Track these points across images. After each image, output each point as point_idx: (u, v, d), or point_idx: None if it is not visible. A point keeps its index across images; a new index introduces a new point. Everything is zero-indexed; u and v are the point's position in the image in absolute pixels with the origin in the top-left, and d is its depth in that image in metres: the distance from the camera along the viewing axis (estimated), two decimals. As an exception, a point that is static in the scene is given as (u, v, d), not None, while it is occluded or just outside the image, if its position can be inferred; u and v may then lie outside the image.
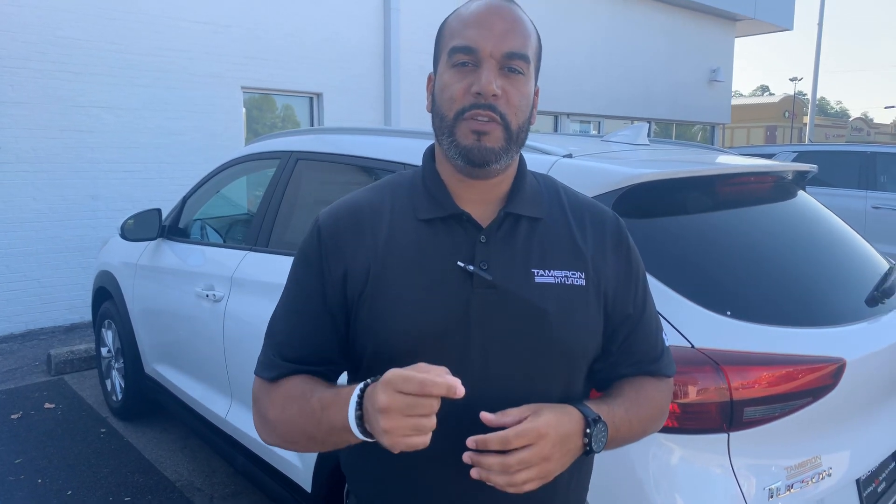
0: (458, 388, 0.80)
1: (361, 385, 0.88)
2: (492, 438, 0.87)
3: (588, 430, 0.93)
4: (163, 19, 5.93)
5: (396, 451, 0.83)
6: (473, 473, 0.88)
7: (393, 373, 0.82)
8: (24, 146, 5.34)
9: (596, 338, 1.03)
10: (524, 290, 0.97)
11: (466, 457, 0.88)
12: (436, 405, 0.81)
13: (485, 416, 0.89)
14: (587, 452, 0.94)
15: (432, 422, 0.81)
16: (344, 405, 0.89)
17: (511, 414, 0.90)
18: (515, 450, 0.87)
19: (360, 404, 0.87)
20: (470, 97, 0.93)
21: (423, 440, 0.82)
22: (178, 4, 6.01)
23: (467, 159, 0.94)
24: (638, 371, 1.08)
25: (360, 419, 0.87)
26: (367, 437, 0.88)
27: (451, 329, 0.96)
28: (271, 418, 1.01)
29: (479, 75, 0.92)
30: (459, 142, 0.94)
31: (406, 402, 0.80)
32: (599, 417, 0.95)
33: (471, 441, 0.88)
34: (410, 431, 0.81)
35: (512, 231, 1.00)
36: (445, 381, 0.80)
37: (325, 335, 1.02)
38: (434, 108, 0.99)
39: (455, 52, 0.95)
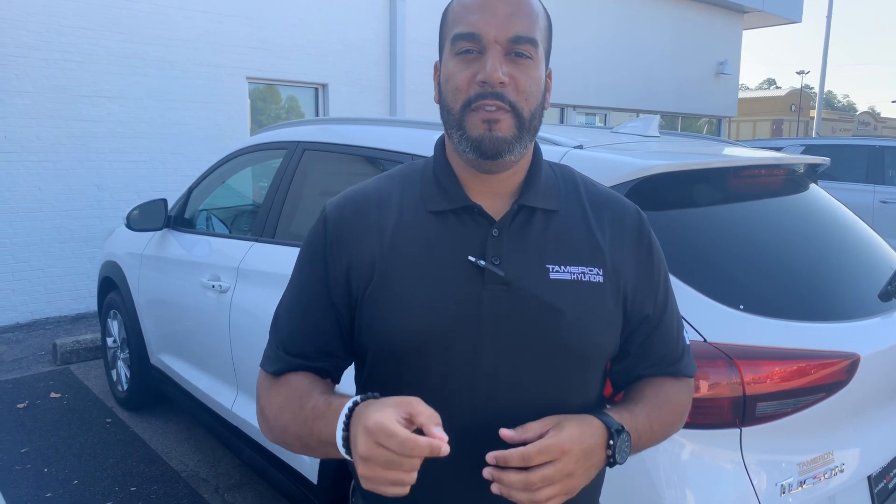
0: (443, 449, 0.75)
1: (350, 404, 0.85)
2: (512, 455, 0.83)
3: (611, 442, 0.89)
4: (167, 9, 5.91)
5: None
6: (494, 489, 0.85)
7: (376, 422, 0.77)
8: (29, 135, 5.34)
9: (613, 338, 0.99)
10: (538, 287, 0.93)
11: (486, 472, 0.85)
12: (417, 463, 0.77)
13: (504, 432, 0.86)
14: (611, 464, 0.91)
15: (412, 477, 0.77)
16: (333, 419, 0.86)
17: (531, 429, 0.86)
18: (537, 466, 0.83)
19: (346, 425, 0.84)
20: (476, 86, 0.88)
21: (401, 491, 0.78)
22: (183, -6, 5.99)
23: (479, 151, 0.90)
24: (657, 372, 1.04)
25: (346, 440, 0.84)
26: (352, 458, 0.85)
27: (461, 327, 0.92)
28: (269, 417, 0.99)
29: (484, 62, 0.88)
30: (469, 133, 0.90)
31: (386, 457, 0.76)
32: (623, 427, 0.91)
33: (490, 457, 0.84)
34: (388, 485, 0.77)
35: (526, 224, 0.96)
36: (430, 442, 0.75)
37: (328, 329, 0.99)
38: (441, 99, 0.95)
39: (458, 39, 0.90)
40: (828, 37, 17.55)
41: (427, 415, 0.79)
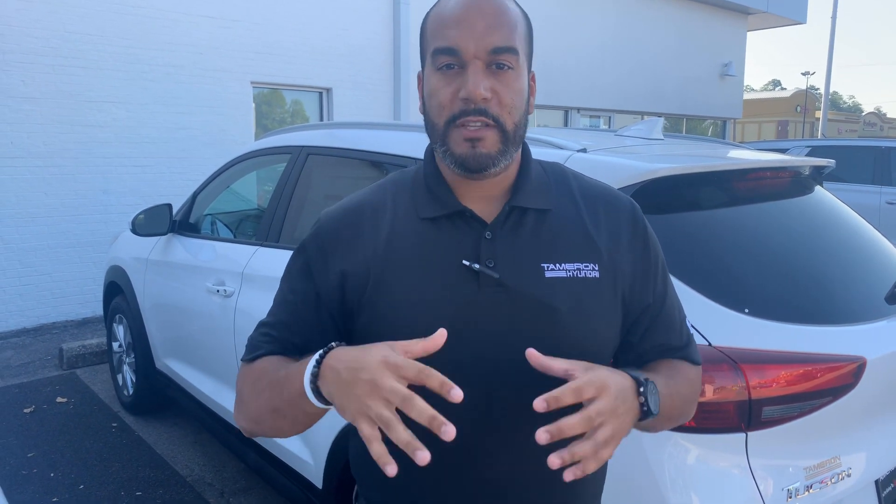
0: (455, 392, 0.74)
1: (325, 348, 0.85)
2: (565, 391, 0.78)
3: (641, 389, 0.87)
4: (172, 14, 5.94)
5: (356, 423, 0.78)
6: (554, 461, 0.78)
7: (396, 357, 0.77)
8: (36, 141, 5.37)
9: (613, 332, 0.99)
10: (534, 287, 0.93)
11: (542, 434, 0.77)
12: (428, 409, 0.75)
13: (531, 354, 0.82)
14: (644, 414, 0.87)
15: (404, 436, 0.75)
16: (304, 370, 0.85)
17: (559, 361, 0.83)
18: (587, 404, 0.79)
19: (318, 362, 0.83)
20: (459, 103, 0.89)
21: (377, 437, 0.76)
22: (188, -1, 6.02)
23: (463, 167, 0.91)
24: (664, 357, 1.04)
25: (315, 378, 0.83)
26: (320, 400, 0.84)
27: (460, 330, 0.92)
28: (245, 397, 0.98)
29: (466, 78, 0.88)
30: (453, 150, 0.91)
31: (400, 391, 0.75)
32: (648, 378, 0.89)
33: (540, 402, 0.78)
34: (382, 423, 0.76)
35: (518, 225, 0.96)
36: (442, 379, 0.75)
37: (311, 335, 0.99)
38: (425, 112, 0.95)
39: (438, 53, 0.90)
40: (833, 37, 17.49)
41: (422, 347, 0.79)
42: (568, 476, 0.78)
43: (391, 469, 0.75)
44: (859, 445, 1.67)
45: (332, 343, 0.86)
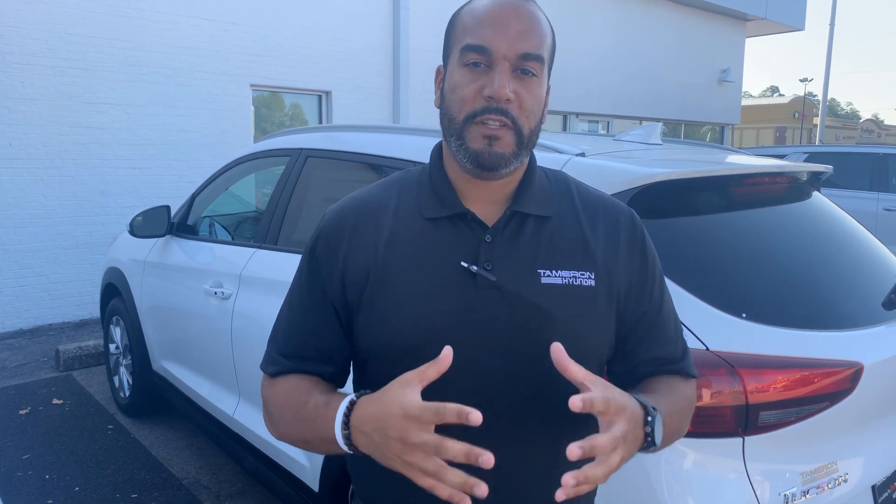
0: (474, 415, 0.77)
1: (346, 403, 0.88)
2: (597, 399, 0.78)
3: (649, 419, 0.87)
4: (172, 16, 5.94)
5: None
6: (569, 480, 0.77)
7: (419, 404, 0.80)
8: (35, 142, 5.36)
9: (606, 340, 1.00)
10: (529, 292, 0.94)
11: (576, 451, 0.76)
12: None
13: (556, 348, 0.82)
14: (647, 445, 0.87)
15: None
16: (333, 418, 0.89)
17: (580, 368, 0.82)
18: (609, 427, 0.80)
19: (346, 423, 0.87)
20: (482, 100, 0.90)
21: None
22: (187, 2, 6.02)
23: (477, 163, 0.92)
24: (662, 371, 1.04)
25: (349, 438, 0.87)
26: (358, 453, 0.88)
27: (454, 331, 0.93)
28: (274, 417, 1.02)
29: (492, 78, 0.89)
30: (469, 146, 0.92)
31: (429, 444, 0.79)
32: (656, 408, 0.89)
33: (577, 401, 0.77)
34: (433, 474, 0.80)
35: (518, 230, 0.98)
36: (458, 409, 0.79)
37: (324, 333, 1.01)
38: (443, 106, 0.96)
39: (467, 50, 0.91)
40: (831, 44, 17.55)
41: (436, 370, 0.82)
42: (560, 496, 0.79)
43: (480, 489, 0.78)
44: (856, 451, 1.67)
45: (353, 397, 0.88)
